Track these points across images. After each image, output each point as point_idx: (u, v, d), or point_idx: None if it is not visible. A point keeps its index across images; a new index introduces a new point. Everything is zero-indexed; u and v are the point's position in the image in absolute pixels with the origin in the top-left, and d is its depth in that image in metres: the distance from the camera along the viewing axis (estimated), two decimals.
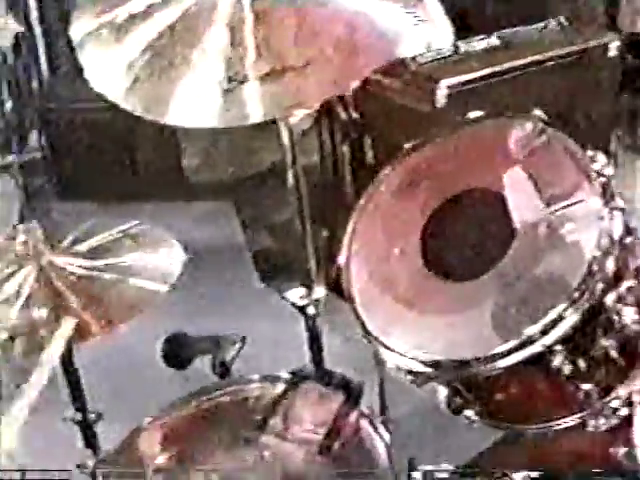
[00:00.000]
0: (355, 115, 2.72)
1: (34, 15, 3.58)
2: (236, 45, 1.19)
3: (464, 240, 1.30)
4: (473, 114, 1.44)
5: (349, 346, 1.89)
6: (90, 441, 1.39)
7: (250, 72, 1.18)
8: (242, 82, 1.17)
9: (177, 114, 1.17)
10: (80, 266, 1.32)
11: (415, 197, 1.33)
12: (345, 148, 2.82)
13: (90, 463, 1.38)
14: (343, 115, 2.71)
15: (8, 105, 3.77)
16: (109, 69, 1.19)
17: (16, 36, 3.65)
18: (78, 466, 1.38)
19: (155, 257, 1.35)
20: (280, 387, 1.29)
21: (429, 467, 1.21)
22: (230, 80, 1.16)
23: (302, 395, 1.25)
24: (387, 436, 1.21)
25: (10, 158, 3.76)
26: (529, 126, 1.28)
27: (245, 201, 3.49)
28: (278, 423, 1.22)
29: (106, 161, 3.51)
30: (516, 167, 1.27)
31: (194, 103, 1.17)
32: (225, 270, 3.02)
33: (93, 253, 1.34)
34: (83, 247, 1.35)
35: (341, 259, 1.31)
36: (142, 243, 1.37)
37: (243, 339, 1.48)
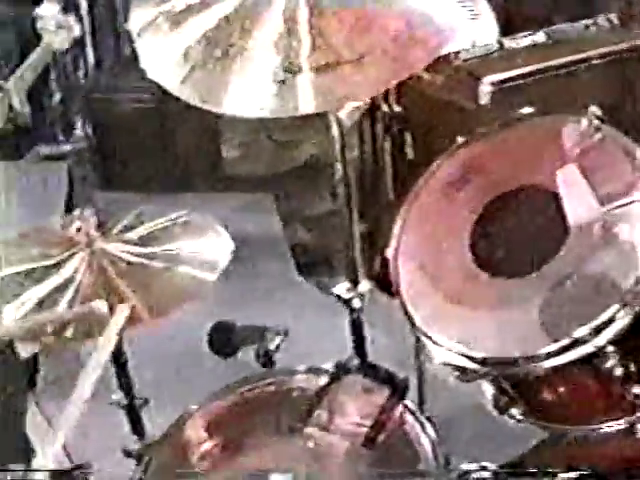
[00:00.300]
0: (397, 110, 2.70)
1: (84, 9, 3.62)
2: (291, 36, 1.18)
3: (515, 237, 1.28)
4: (525, 110, 1.42)
5: (387, 341, 1.88)
6: (136, 426, 1.40)
7: (304, 64, 1.17)
8: (296, 73, 1.17)
9: (231, 104, 1.17)
10: (131, 253, 1.32)
11: (466, 193, 1.31)
12: (386, 143, 2.80)
13: (135, 447, 1.39)
14: (385, 109, 2.70)
15: (57, 97, 3.83)
16: (165, 58, 1.19)
17: None
18: (123, 450, 1.40)
19: (204, 246, 1.35)
20: (324, 379, 1.28)
21: (472, 466, 1.19)
22: (284, 71, 1.16)
23: (347, 388, 1.24)
24: (432, 432, 1.20)
25: (57, 148, 3.82)
26: (584, 123, 1.26)
27: (283, 194, 3.50)
28: (322, 415, 1.22)
29: (147, 152, 3.53)
30: (570, 165, 1.25)
31: (248, 93, 1.16)
32: (263, 262, 3.03)
33: (143, 241, 1.35)
34: (134, 235, 1.36)
35: (389, 252, 1.30)
36: (191, 232, 1.38)
37: (286, 331, 1.47)
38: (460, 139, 1.39)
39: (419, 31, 1.16)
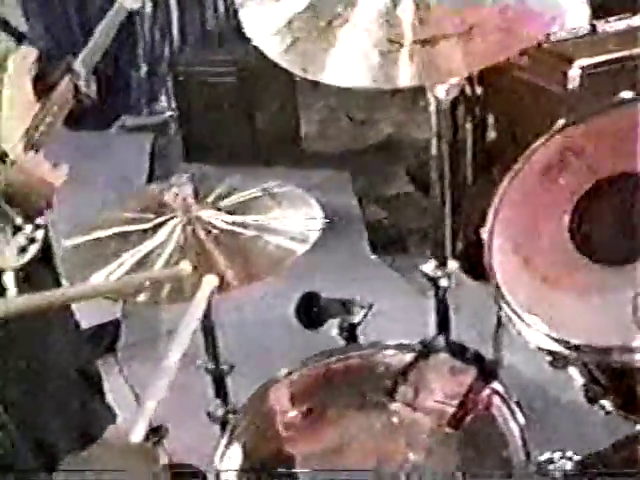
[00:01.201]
0: (479, 91, 2.61)
1: None
2: (397, 8, 1.14)
3: (615, 224, 1.22)
4: (625, 94, 1.34)
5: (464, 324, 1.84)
6: (220, 391, 1.40)
7: (408, 36, 1.13)
8: (400, 45, 1.13)
9: (333, 73, 1.14)
10: (223, 221, 1.31)
11: (565, 177, 1.25)
12: (468, 125, 2.73)
13: (220, 412, 1.39)
14: (467, 90, 2.61)
15: (143, 70, 3.87)
16: (269, 27, 1.17)
17: (154, 5, 3.74)
18: (208, 414, 1.40)
19: (295, 218, 1.33)
20: (411, 356, 1.25)
21: (555, 455, 1.15)
22: (388, 42, 1.12)
23: (435, 366, 1.21)
24: (521, 418, 1.16)
25: (141, 119, 3.87)
26: None
27: (359, 172, 3.46)
28: (408, 391, 1.19)
29: (228, 126, 3.55)
30: None
31: (349, 63, 1.13)
32: (340, 240, 3.01)
33: (236, 209, 1.34)
34: (227, 203, 1.35)
35: (484, 233, 1.25)
36: (283, 203, 1.36)
37: (370, 305, 1.44)
38: (559, 122, 1.32)
39: (532, 4, 1.10)
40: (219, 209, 1.33)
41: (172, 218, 1.30)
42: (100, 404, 1.90)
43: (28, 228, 1.46)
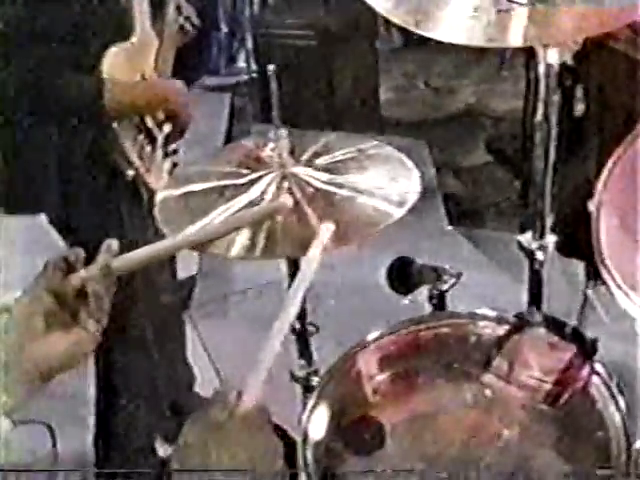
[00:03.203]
0: (570, 62, 2.49)
1: None
2: None
3: None
4: None
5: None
6: (304, 352, 1.38)
7: None
8: (520, 4, 1.06)
9: (447, 29, 1.08)
10: (318, 179, 1.27)
11: None
12: (555, 97, 2.61)
13: (302, 373, 1.38)
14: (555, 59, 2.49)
15: (224, 30, 3.86)
16: None
17: None
18: (291, 374, 1.38)
19: (392, 180, 1.28)
20: (505, 328, 1.20)
21: None
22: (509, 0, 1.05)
23: (531, 340, 1.15)
24: (622, 401, 1.09)
25: (221, 80, 3.86)
26: None
27: (437, 142, 3.38)
28: (503, 364, 1.14)
29: (306, 89, 3.50)
30: None
31: (465, 19, 1.07)
32: (416, 209, 2.94)
33: (331, 169, 1.30)
34: (322, 161, 1.31)
35: (591, 206, 1.18)
36: (380, 164, 1.31)
37: (459, 274, 1.39)
38: None
39: None
40: (315, 167, 1.29)
41: (267, 174, 1.27)
42: (183, 362, 1.92)
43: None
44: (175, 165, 1.73)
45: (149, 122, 1.68)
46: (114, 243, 0.88)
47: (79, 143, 1.59)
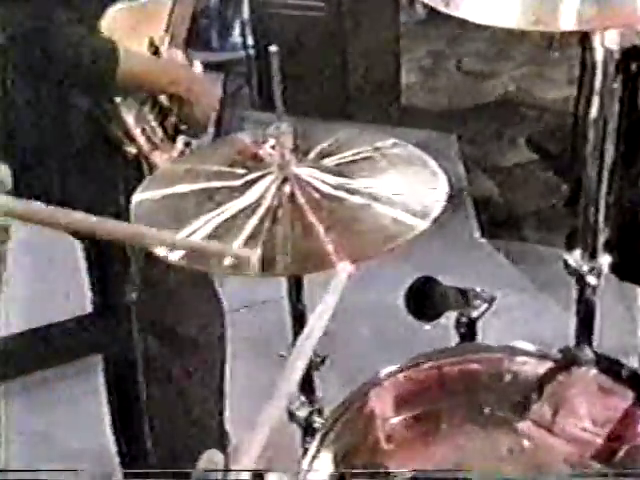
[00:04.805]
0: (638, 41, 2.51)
1: None
2: None
3: None
4: None
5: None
6: (306, 387, 1.39)
7: None
8: None
9: (484, 9, 1.11)
10: (327, 183, 1.29)
11: None
12: (615, 85, 2.63)
13: (303, 412, 1.39)
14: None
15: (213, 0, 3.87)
16: None
17: None
18: (289, 413, 1.40)
19: (414, 185, 1.30)
20: (548, 366, 1.21)
21: None
22: None
23: (580, 383, 1.17)
24: None
25: (211, 55, 3.88)
26: None
27: (469, 135, 3.40)
28: (545, 411, 1.15)
29: (313, 69, 3.52)
30: None
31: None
32: (442, 217, 2.95)
33: (343, 170, 1.32)
34: (332, 161, 1.33)
35: None
36: (400, 167, 1.33)
37: (492, 299, 1.41)
38: None
39: None
40: (322, 169, 1.31)
41: (266, 175, 1.29)
42: None
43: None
44: (188, 144, 1.78)
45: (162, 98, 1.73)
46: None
47: (75, 112, 1.64)
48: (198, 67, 1.83)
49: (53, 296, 2.28)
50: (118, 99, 1.63)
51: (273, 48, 1.41)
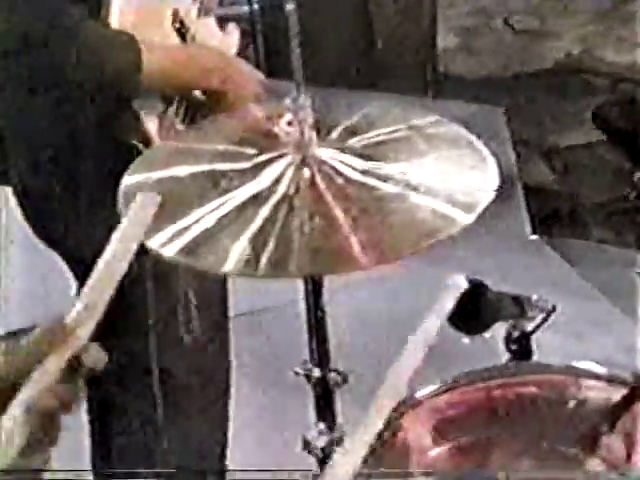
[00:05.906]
0: None
1: None
2: None
3: None
4: None
5: None
6: (324, 411, 1.40)
7: None
8: None
9: None
10: (353, 167, 1.30)
11: None
12: None
13: (322, 442, 1.40)
14: None
15: None
16: None
17: None
18: (305, 443, 1.40)
19: (459, 173, 1.30)
20: (620, 392, 1.22)
21: None
22: None
23: None
24: None
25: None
26: None
27: (519, 110, 3.39)
28: (617, 445, 1.16)
29: (329, 31, 3.54)
30: None
31: None
32: (486, 212, 2.95)
33: (371, 153, 1.32)
34: (358, 142, 1.33)
35: None
36: (442, 149, 1.33)
37: (551, 309, 1.41)
38: None
39: None
40: (347, 151, 1.31)
41: (280, 157, 1.29)
42: None
43: None
44: None
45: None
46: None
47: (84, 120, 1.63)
48: (234, 33, 1.80)
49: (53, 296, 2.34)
50: (136, 103, 1.60)
51: (290, 5, 1.41)
